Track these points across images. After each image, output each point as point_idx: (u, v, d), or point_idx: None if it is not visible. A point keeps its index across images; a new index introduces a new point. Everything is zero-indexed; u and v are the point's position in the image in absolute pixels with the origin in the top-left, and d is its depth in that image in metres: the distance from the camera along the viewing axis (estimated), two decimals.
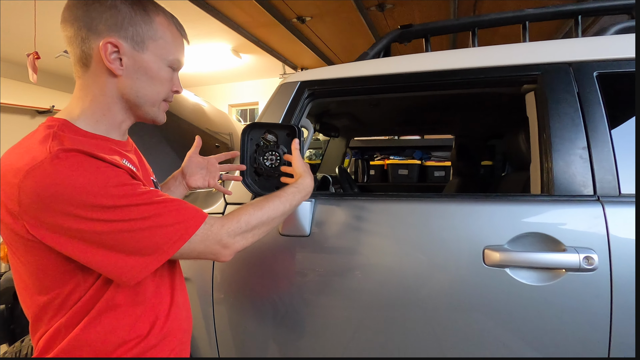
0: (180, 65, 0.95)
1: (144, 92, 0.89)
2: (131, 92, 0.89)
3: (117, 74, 0.86)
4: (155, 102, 0.92)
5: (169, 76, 0.93)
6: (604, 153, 1.20)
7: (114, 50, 0.84)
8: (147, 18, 0.87)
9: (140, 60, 0.87)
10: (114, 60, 0.85)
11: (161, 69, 0.90)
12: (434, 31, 1.75)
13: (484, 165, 3.42)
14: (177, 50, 0.92)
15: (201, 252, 0.87)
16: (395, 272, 1.28)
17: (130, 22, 0.85)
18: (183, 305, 1.04)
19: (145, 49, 0.87)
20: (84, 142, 0.82)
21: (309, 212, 1.37)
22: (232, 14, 4.39)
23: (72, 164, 0.74)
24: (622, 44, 1.29)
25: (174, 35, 0.92)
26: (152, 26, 0.87)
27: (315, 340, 1.36)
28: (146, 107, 0.92)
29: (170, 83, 0.94)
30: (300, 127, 1.31)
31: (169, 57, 0.90)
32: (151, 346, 0.90)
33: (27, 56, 3.02)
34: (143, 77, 0.88)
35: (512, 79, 1.36)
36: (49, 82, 6.75)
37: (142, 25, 0.86)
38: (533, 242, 1.19)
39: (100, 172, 0.76)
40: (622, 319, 1.11)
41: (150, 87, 0.90)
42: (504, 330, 1.19)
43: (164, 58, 0.90)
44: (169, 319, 0.95)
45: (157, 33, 0.88)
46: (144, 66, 0.88)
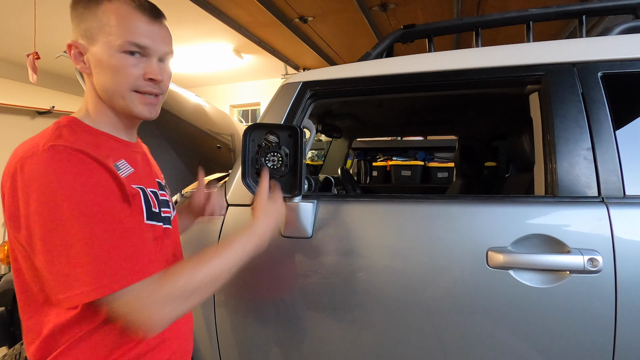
0: (136, 47, 0.85)
1: (106, 85, 0.86)
2: (99, 88, 0.88)
3: (86, 72, 0.88)
4: (121, 94, 0.86)
5: (125, 63, 0.84)
6: (608, 154, 1.19)
7: (77, 51, 0.87)
8: (94, 9, 0.84)
9: (94, 54, 0.85)
10: (78, 60, 0.87)
11: (112, 57, 0.83)
12: (437, 31, 1.74)
13: (488, 166, 3.41)
14: (125, 32, 0.83)
15: (119, 317, 0.77)
16: (398, 274, 1.27)
17: (82, 19, 0.85)
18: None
19: (95, 41, 0.84)
20: (85, 138, 0.83)
21: (311, 213, 1.37)
22: (234, 14, 4.39)
23: (58, 159, 0.74)
24: (627, 44, 1.28)
25: (120, 18, 0.83)
26: (97, 16, 0.84)
27: (318, 343, 1.35)
28: (115, 100, 0.87)
29: (132, 70, 0.85)
30: (302, 128, 1.31)
31: (116, 42, 0.83)
32: (147, 350, 0.89)
33: (27, 56, 3.02)
34: (100, 70, 0.85)
35: (516, 80, 1.35)
36: (49, 82, 6.76)
37: (90, 19, 0.84)
38: (537, 244, 1.18)
39: (79, 175, 0.75)
40: (626, 321, 1.10)
41: (109, 78, 0.85)
42: (507, 333, 1.18)
43: (112, 44, 0.83)
44: None
45: (102, 21, 0.83)
46: (97, 58, 0.85)
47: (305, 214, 1.36)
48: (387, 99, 2.07)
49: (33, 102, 6.42)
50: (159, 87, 0.91)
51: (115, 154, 0.87)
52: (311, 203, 1.37)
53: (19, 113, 6.43)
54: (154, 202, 0.92)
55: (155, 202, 0.93)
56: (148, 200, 0.89)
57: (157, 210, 0.93)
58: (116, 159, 0.86)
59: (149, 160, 1.05)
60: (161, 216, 0.95)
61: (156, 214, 0.92)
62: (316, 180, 2.21)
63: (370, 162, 4.76)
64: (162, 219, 0.95)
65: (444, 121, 2.83)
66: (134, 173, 0.89)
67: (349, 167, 4.82)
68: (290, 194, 1.29)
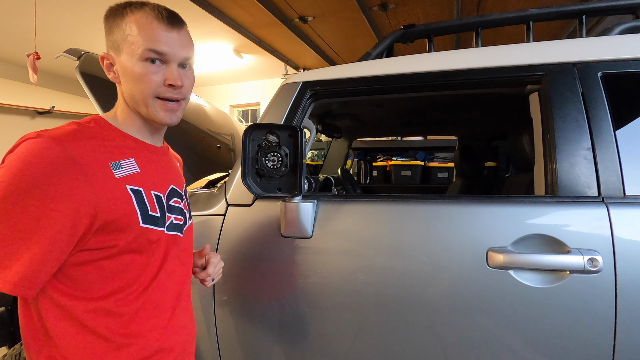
0: (155, 54, 0.88)
1: (131, 92, 0.90)
2: (126, 96, 0.92)
3: (116, 82, 0.93)
4: (144, 100, 0.90)
5: (146, 70, 0.88)
6: (608, 154, 1.19)
7: (108, 62, 0.92)
8: (119, 21, 0.89)
9: (120, 64, 0.90)
10: (109, 71, 0.93)
11: (135, 65, 0.88)
12: (437, 31, 1.74)
13: (488, 166, 3.41)
14: (145, 40, 0.87)
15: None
16: (398, 274, 1.27)
17: (110, 32, 0.90)
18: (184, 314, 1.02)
19: (121, 51, 0.89)
20: (96, 135, 0.86)
21: (312, 213, 1.37)
22: (234, 14, 4.39)
23: (31, 144, 0.76)
24: (627, 44, 1.28)
25: (140, 27, 0.87)
26: (121, 27, 0.88)
27: (318, 343, 1.35)
28: (140, 107, 0.91)
29: (152, 77, 0.88)
30: (302, 128, 1.31)
31: (137, 51, 0.87)
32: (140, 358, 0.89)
33: (27, 56, 3.03)
34: (126, 79, 0.90)
35: (516, 80, 1.35)
36: (49, 82, 6.77)
37: (116, 31, 0.89)
38: (537, 244, 1.18)
39: (30, 164, 0.74)
40: (626, 321, 1.10)
41: (133, 86, 0.89)
42: (507, 333, 1.18)
43: (134, 53, 0.87)
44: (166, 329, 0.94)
45: (125, 32, 0.88)
46: (123, 67, 0.89)
47: (305, 214, 1.36)
48: (387, 99, 2.07)
49: (33, 102, 6.42)
50: (180, 92, 0.93)
51: (125, 152, 0.89)
52: (311, 203, 1.37)
53: (19, 113, 6.44)
54: (153, 205, 0.91)
55: (156, 206, 0.92)
56: (144, 204, 0.88)
57: (159, 214, 0.92)
58: (123, 157, 0.87)
59: (170, 166, 1.05)
60: (162, 221, 0.93)
61: (155, 218, 0.91)
62: (316, 180, 2.21)
63: (370, 162, 4.76)
64: (163, 224, 0.93)
65: (444, 121, 2.83)
66: (138, 174, 0.89)
67: (349, 167, 4.82)
68: (290, 194, 1.29)
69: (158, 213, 0.92)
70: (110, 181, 0.82)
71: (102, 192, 0.80)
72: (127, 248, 0.86)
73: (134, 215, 0.85)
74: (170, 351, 0.95)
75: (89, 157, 0.79)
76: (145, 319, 0.90)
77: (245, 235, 1.43)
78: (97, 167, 0.80)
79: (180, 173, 1.13)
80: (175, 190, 1.02)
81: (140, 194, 0.88)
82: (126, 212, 0.84)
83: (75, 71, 1.57)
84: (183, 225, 1.03)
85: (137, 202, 0.86)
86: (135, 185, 0.87)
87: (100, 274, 0.84)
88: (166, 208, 0.95)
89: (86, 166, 0.78)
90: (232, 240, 1.44)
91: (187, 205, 1.09)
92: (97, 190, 0.79)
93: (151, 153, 0.97)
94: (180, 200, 1.03)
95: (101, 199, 0.79)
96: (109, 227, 0.81)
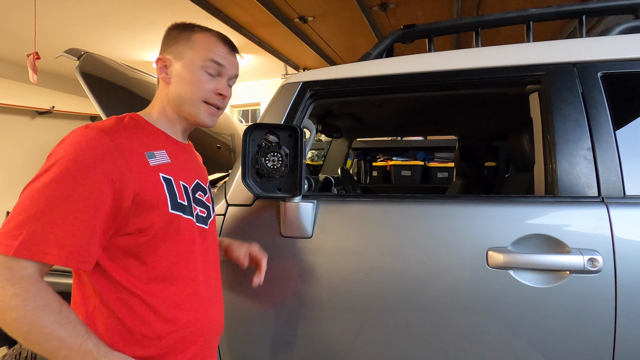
0: (214, 66, 1.05)
1: (182, 93, 1.04)
2: (174, 95, 1.05)
3: (166, 82, 1.06)
4: (193, 102, 1.04)
5: (202, 78, 1.03)
6: (608, 154, 1.19)
7: (163, 64, 1.06)
8: (188, 34, 1.05)
9: (179, 68, 1.04)
10: (162, 71, 1.06)
11: (194, 72, 1.03)
12: (437, 31, 1.74)
13: (488, 166, 3.41)
14: (208, 53, 1.04)
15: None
16: (398, 274, 1.27)
17: (175, 40, 1.06)
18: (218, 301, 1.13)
19: (182, 58, 1.04)
20: (133, 128, 0.97)
21: (312, 213, 1.37)
22: (234, 14, 4.38)
23: (81, 134, 0.87)
24: (627, 44, 1.28)
25: (208, 43, 1.05)
26: (190, 39, 1.05)
27: (318, 343, 1.35)
28: (186, 107, 1.05)
29: (207, 84, 1.04)
30: (302, 128, 1.31)
31: (200, 61, 1.03)
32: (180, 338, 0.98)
33: (27, 56, 3.03)
34: (181, 81, 1.04)
35: (516, 80, 1.35)
36: (49, 82, 6.76)
37: (182, 41, 1.05)
38: (537, 244, 1.18)
39: (82, 150, 0.85)
40: (626, 321, 1.10)
41: (187, 88, 1.03)
42: (508, 333, 1.18)
43: (196, 62, 1.03)
44: (203, 315, 1.04)
45: (192, 43, 1.04)
46: (181, 71, 1.04)
47: (305, 214, 1.36)
48: (387, 99, 2.06)
49: (33, 102, 6.41)
50: (223, 102, 1.10)
51: (158, 144, 1.00)
52: (311, 203, 1.37)
53: (19, 113, 6.43)
54: (182, 194, 1.01)
55: (184, 195, 1.01)
56: (173, 191, 0.98)
57: (186, 203, 1.01)
58: (156, 148, 0.99)
59: (195, 162, 1.17)
60: (190, 210, 1.03)
61: (183, 206, 1.00)
62: (316, 180, 2.21)
63: (370, 162, 4.75)
64: (191, 214, 1.03)
65: (444, 121, 2.83)
66: (169, 164, 1.00)
67: (349, 167, 4.82)
68: (290, 194, 1.29)
69: (185, 202, 1.01)
70: (146, 167, 0.93)
71: (139, 176, 0.90)
72: (160, 235, 0.94)
73: (164, 200, 0.95)
74: (198, 337, 1.02)
75: (128, 146, 0.91)
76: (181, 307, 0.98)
77: (245, 235, 1.43)
78: (135, 155, 0.91)
79: (205, 170, 1.24)
80: (200, 184, 1.13)
81: (170, 183, 0.98)
82: (158, 195, 0.93)
83: (75, 71, 1.57)
84: (207, 218, 1.13)
85: (167, 189, 0.96)
86: (166, 174, 0.97)
87: (140, 262, 0.92)
88: (192, 199, 1.05)
89: (126, 153, 0.89)
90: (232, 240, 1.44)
91: (211, 199, 1.19)
92: (135, 174, 0.89)
93: (180, 148, 1.09)
94: (203, 194, 1.13)
95: (137, 181, 0.89)
96: (142, 206, 0.90)
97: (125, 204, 0.87)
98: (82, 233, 0.82)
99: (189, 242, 1.01)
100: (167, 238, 0.96)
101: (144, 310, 0.92)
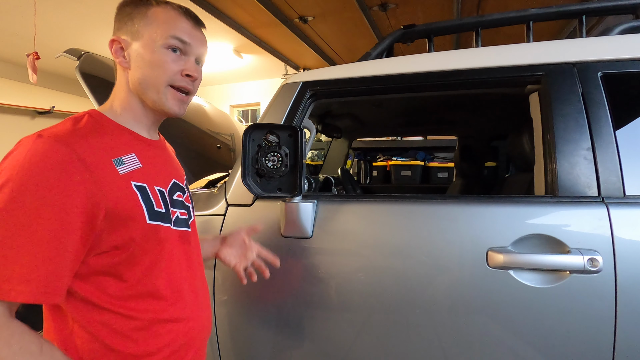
0: (178, 43, 0.91)
1: (144, 77, 0.91)
2: (134, 82, 0.92)
3: (124, 66, 0.92)
4: (157, 87, 0.91)
5: (165, 58, 0.90)
6: (608, 154, 1.19)
7: (119, 46, 0.92)
8: (143, 9, 0.91)
9: (137, 49, 0.91)
10: (119, 55, 0.92)
11: (155, 51, 0.90)
12: (437, 31, 1.74)
13: (488, 166, 3.41)
14: (171, 29, 0.90)
15: None
16: (398, 274, 1.27)
17: (129, 18, 0.91)
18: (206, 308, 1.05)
19: (140, 37, 0.90)
20: (94, 130, 0.85)
21: (312, 213, 1.37)
22: (234, 14, 4.39)
23: (33, 145, 0.75)
24: (627, 44, 1.28)
25: (167, 17, 0.91)
26: (146, 15, 0.91)
27: (318, 343, 1.35)
28: (149, 94, 0.92)
29: (172, 65, 0.91)
30: (302, 128, 1.31)
31: (161, 38, 0.90)
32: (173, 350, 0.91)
33: (27, 56, 3.03)
34: (141, 63, 0.90)
35: (516, 80, 1.35)
36: (49, 82, 6.77)
37: (138, 18, 0.91)
38: (537, 244, 1.18)
39: (37, 166, 0.72)
40: (626, 321, 1.10)
41: (149, 71, 0.90)
42: (508, 333, 1.18)
43: (156, 40, 0.90)
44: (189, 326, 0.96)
45: (149, 19, 0.90)
46: (140, 52, 0.90)
47: (305, 214, 1.36)
48: (387, 99, 2.07)
49: (33, 102, 6.42)
50: (192, 84, 0.96)
51: (124, 147, 0.88)
52: (311, 203, 1.37)
53: (19, 113, 6.43)
54: (158, 201, 0.90)
55: (161, 202, 0.91)
56: (149, 200, 0.88)
57: (163, 210, 0.91)
58: (124, 152, 0.87)
59: (169, 160, 1.05)
60: (168, 217, 0.93)
61: (161, 214, 0.90)
62: (316, 180, 2.21)
63: (370, 162, 4.75)
64: (169, 220, 0.93)
65: (444, 121, 2.83)
66: (140, 169, 0.88)
67: (349, 167, 4.82)
68: (290, 194, 1.29)
69: (163, 209, 0.91)
70: (115, 178, 0.82)
71: (109, 188, 0.79)
72: (139, 249, 0.85)
73: (140, 212, 0.85)
74: (190, 347, 0.97)
75: (92, 155, 0.79)
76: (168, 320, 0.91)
77: None
78: (101, 165, 0.80)
79: (179, 164, 1.12)
80: (177, 184, 1.02)
81: (145, 191, 0.87)
82: (132, 207, 0.83)
83: (75, 71, 1.57)
84: (188, 219, 1.03)
85: (142, 199, 0.86)
86: (139, 182, 0.87)
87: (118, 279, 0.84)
88: (169, 203, 0.95)
89: (91, 164, 0.78)
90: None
91: (190, 198, 1.09)
92: (103, 187, 0.79)
93: (150, 147, 0.96)
94: (182, 193, 1.03)
95: (107, 194, 0.79)
96: (116, 221, 0.80)
97: (96, 223, 0.77)
98: (50, 264, 0.72)
99: (170, 251, 0.93)
100: (147, 250, 0.87)
101: (128, 328, 0.84)
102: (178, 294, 0.94)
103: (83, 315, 0.81)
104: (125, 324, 0.84)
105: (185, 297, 0.96)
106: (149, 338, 0.87)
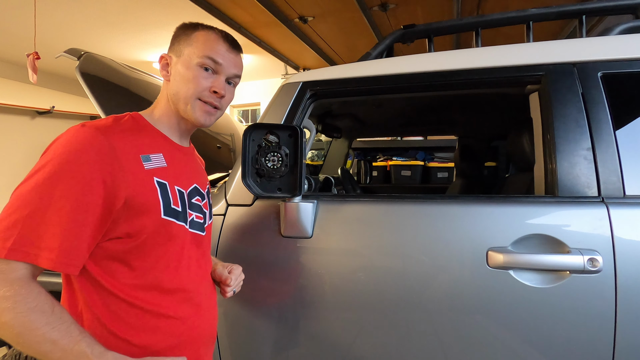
0: (211, 63, 1.02)
1: (177, 90, 1.02)
2: (172, 92, 1.03)
3: (167, 80, 1.05)
4: (187, 99, 1.01)
5: (197, 74, 1.00)
6: (608, 154, 1.19)
7: (165, 62, 1.06)
8: (190, 32, 1.04)
9: (177, 65, 1.03)
10: (164, 69, 1.06)
11: (190, 68, 1.01)
12: (437, 31, 1.74)
13: (488, 166, 3.41)
14: (206, 50, 1.01)
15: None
16: (398, 274, 1.27)
17: (177, 39, 1.05)
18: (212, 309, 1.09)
19: (181, 55, 1.03)
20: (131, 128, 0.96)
21: (312, 213, 1.37)
22: (234, 14, 4.38)
23: (77, 132, 0.86)
24: (627, 44, 1.28)
25: (206, 39, 1.02)
26: (190, 37, 1.03)
27: (318, 343, 1.35)
28: (180, 104, 1.02)
29: (202, 81, 1.01)
30: (302, 128, 1.31)
31: (196, 58, 1.01)
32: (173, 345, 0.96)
33: (27, 56, 3.03)
34: (178, 78, 1.02)
35: (516, 80, 1.35)
36: (49, 82, 6.76)
37: (183, 38, 1.04)
38: (537, 244, 1.18)
39: (76, 150, 0.83)
40: (626, 321, 1.10)
41: (182, 85, 1.01)
42: (507, 333, 1.18)
43: (192, 59, 1.01)
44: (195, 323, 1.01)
45: (191, 41, 1.02)
46: (179, 68, 1.02)
47: (305, 214, 1.36)
48: (387, 99, 2.07)
49: (33, 102, 6.41)
50: (220, 101, 1.05)
51: (155, 147, 0.98)
52: (311, 203, 1.37)
53: (19, 113, 6.43)
54: (176, 199, 0.98)
55: (178, 200, 0.99)
56: (167, 196, 0.95)
57: (180, 209, 0.99)
58: (153, 151, 0.96)
59: (195, 166, 1.15)
60: (184, 216, 1.00)
61: (176, 212, 0.98)
62: (316, 180, 2.21)
63: (370, 162, 4.75)
64: (185, 220, 1.01)
65: (444, 121, 2.83)
66: (164, 168, 0.97)
67: (349, 167, 4.82)
68: (290, 194, 1.29)
69: (179, 207, 0.99)
70: (140, 171, 0.90)
71: (132, 179, 0.88)
72: (150, 241, 0.92)
73: (157, 205, 0.92)
74: (194, 342, 1.01)
75: (123, 147, 0.88)
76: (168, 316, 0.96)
77: (245, 235, 1.43)
78: (130, 157, 0.89)
79: (204, 174, 1.22)
80: (197, 189, 1.10)
81: (164, 187, 0.95)
82: (150, 200, 0.91)
83: (75, 71, 1.57)
84: (204, 224, 1.10)
85: (161, 194, 0.94)
86: (161, 179, 0.95)
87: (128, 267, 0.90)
88: (187, 205, 1.03)
89: (121, 155, 0.87)
90: (232, 240, 1.44)
91: (209, 205, 1.17)
92: (128, 177, 0.87)
93: (178, 151, 1.06)
94: (201, 199, 1.11)
95: (130, 184, 0.87)
96: (134, 210, 0.88)
97: (116, 207, 0.85)
98: (73, 237, 0.80)
99: (181, 249, 0.99)
100: (158, 244, 0.93)
101: (130, 316, 0.90)
102: (184, 294, 0.99)
103: (91, 296, 0.88)
104: (127, 311, 0.90)
105: (191, 297, 1.01)
106: (149, 330, 0.92)
